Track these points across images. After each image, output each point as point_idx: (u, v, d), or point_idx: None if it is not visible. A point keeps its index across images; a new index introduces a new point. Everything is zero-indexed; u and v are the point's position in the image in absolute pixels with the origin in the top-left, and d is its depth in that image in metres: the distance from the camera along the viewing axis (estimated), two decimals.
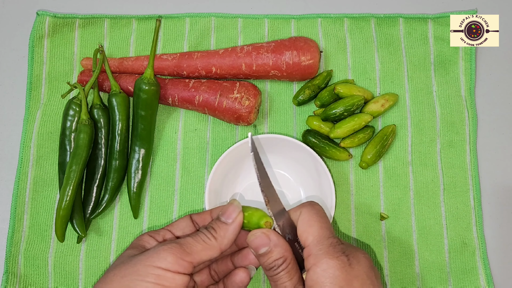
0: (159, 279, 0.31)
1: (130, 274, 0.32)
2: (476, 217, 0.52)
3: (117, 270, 0.33)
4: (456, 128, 0.54)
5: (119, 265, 0.33)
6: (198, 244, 0.34)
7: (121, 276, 0.32)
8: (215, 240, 0.35)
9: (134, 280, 0.31)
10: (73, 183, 0.47)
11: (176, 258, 0.32)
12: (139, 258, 0.33)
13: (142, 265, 0.32)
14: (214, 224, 0.37)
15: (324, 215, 0.38)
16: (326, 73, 0.54)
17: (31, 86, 0.55)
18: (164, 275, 0.31)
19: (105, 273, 0.34)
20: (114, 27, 0.58)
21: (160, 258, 0.32)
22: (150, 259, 0.32)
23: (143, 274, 0.31)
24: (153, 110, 0.52)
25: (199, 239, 0.35)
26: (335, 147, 0.51)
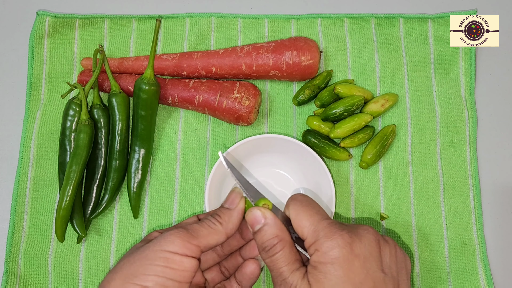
0: (168, 262, 0.32)
1: (139, 260, 0.32)
2: (476, 217, 0.52)
3: (126, 259, 0.34)
4: (456, 128, 0.54)
5: (129, 254, 0.34)
6: (204, 229, 0.35)
7: (131, 263, 0.32)
8: (220, 225, 0.36)
9: (143, 265, 0.32)
10: (73, 183, 0.47)
11: (183, 242, 0.33)
12: (147, 245, 0.33)
13: (150, 250, 0.32)
14: (218, 210, 0.38)
15: (309, 202, 0.38)
16: (326, 73, 0.54)
17: (31, 86, 0.55)
18: (173, 258, 0.32)
19: (116, 264, 0.35)
20: (114, 27, 0.58)
21: (167, 242, 0.33)
22: (158, 244, 0.33)
23: (152, 258, 0.32)
24: (153, 110, 0.52)
25: (205, 224, 0.36)
26: (335, 147, 0.51)
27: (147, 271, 0.32)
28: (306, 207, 0.37)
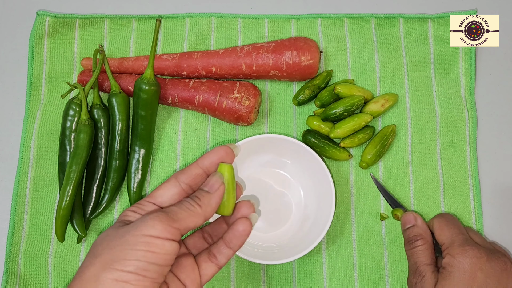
0: (149, 246, 0.31)
1: (119, 245, 0.32)
2: (476, 217, 0.52)
3: (105, 243, 0.33)
4: (456, 128, 0.54)
5: (106, 238, 0.33)
6: (183, 211, 0.35)
7: (110, 248, 0.32)
8: (200, 207, 0.36)
9: (123, 250, 0.31)
10: (73, 183, 0.47)
11: (164, 225, 0.32)
12: (126, 229, 0.33)
13: (130, 235, 0.32)
14: (197, 193, 0.37)
15: (453, 220, 0.47)
16: (326, 73, 0.54)
17: (31, 86, 0.55)
18: (154, 242, 0.32)
19: (91, 248, 0.34)
20: (114, 27, 0.58)
21: (147, 226, 0.32)
22: (138, 229, 0.32)
23: (133, 243, 0.31)
24: (153, 110, 0.52)
25: (184, 207, 0.35)
26: (335, 147, 0.51)
27: (127, 256, 0.31)
28: (449, 222, 0.46)
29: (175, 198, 0.37)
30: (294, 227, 0.51)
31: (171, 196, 0.37)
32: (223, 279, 0.51)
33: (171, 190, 0.37)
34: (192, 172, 0.38)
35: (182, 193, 0.37)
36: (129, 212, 0.36)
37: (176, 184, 0.37)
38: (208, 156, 0.39)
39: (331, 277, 0.51)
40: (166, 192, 0.37)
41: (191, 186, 0.38)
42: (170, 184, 0.38)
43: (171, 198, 0.37)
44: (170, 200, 0.37)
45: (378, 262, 0.51)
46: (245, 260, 0.51)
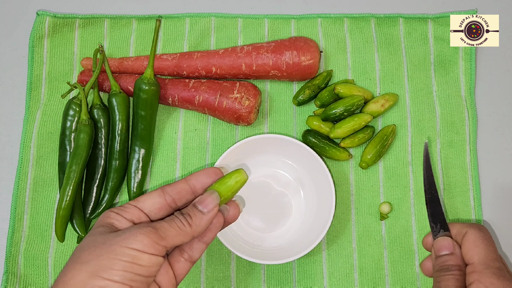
0: (136, 259, 0.33)
1: (106, 253, 0.33)
2: (476, 217, 0.52)
3: (91, 249, 0.33)
4: (456, 128, 0.54)
5: (93, 244, 0.34)
6: (172, 229, 0.35)
7: (97, 255, 0.33)
8: (190, 227, 0.36)
9: (111, 259, 0.32)
10: (73, 183, 0.47)
11: (152, 242, 0.33)
12: (115, 240, 0.33)
13: (118, 245, 0.33)
14: (190, 211, 0.37)
15: (491, 239, 0.41)
16: (326, 73, 0.54)
17: (31, 86, 0.55)
18: (141, 256, 0.33)
19: (76, 252, 0.34)
20: (114, 27, 0.58)
21: (136, 241, 0.33)
22: (126, 241, 0.33)
23: (120, 254, 0.32)
24: (153, 110, 0.52)
25: (174, 224, 0.36)
26: (335, 147, 0.51)
27: (115, 265, 0.32)
28: (487, 242, 0.40)
29: (156, 207, 0.38)
30: (294, 227, 0.51)
31: (152, 204, 0.38)
32: (223, 279, 0.51)
33: (155, 199, 0.38)
34: (178, 186, 0.39)
35: (165, 204, 0.38)
36: (112, 214, 0.37)
37: (161, 195, 0.38)
38: (197, 175, 0.40)
39: (331, 277, 0.51)
40: (150, 200, 0.38)
41: (175, 199, 0.39)
42: (155, 193, 0.39)
43: (153, 206, 0.38)
44: (151, 207, 0.38)
45: (378, 262, 0.51)
46: (245, 260, 0.51)
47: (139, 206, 0.37)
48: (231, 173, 0.40)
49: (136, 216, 0.37)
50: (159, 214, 0.38)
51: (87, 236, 0.36)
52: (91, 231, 0.36)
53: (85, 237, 0.36)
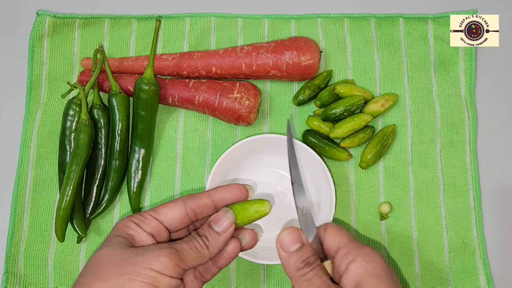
0: (156, 281, 0.33)
1: (128, 273, 0.33)
2: (476, 217, 0.52)
3: (112, 265, 0.33)
4: (456, 128, 0.54)
5: (113, 260, 0.34)
6: (192, 252, 0.36)
7: (118, 274, 0.33)
8: (207, 249, 0.36)
9: (132, 280, 0.32)
10: (73, 183, 0.47)
11: (173, 265, 0.34)
12: (137, 259, 0.33)
13: (140, 266, 0.33)
14: (207, 232, 0.37)
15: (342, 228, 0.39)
16: (326, 73, 0.54)
17: (31, 86, 0.55)
18: (161, 278, 0.33)
19: (95, 264, 0.34)
20: (114, 27, 0.58)
21: (159, 263, 0.33)
22: (149, 262, 0.33)
23: (142, 276, 0.32)
24: (153, 110, 0.52)
25: (193, 247, 0.36)
26: (335, 147, 0.51)
27: (135, 286, 0.32)
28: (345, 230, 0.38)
29: (177, 221, 0.38)
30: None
31: (174, 218, 0.38)
32: (223, 279, 0.51)
33: (176, 212, 0.38)
34: (202, 202, 0.39)
35: (185, 217, 0.38)
36: (133, 225, 0.37)
37: (182, 208, 0.38)
38: (221, 191, 0.39)
39: None
40: (171, 212, 0.38)
41: (196, 213, 0.39)
42: (176, 206, 0.38)
43: (174, 219, 0.38)
44: (172, 221, 0.38)
45: None
46: (245, 260, 0.51)
47: (160, 219, 0.37)
48: (255, 201, 0.39)
49: (156, 230, 0.37)
50: (179, 227, 0.38)
51: (106, 246, 0.35)
52: (109, 238, 0.36)
53: (104, 247, 0.35)
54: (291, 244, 0.37)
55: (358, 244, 0.36)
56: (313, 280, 0.35)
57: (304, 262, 0.36)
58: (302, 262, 0.36)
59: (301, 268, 0.36)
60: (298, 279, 0.36)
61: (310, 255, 0.36)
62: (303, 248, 0.37)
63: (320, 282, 0.35)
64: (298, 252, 0.36)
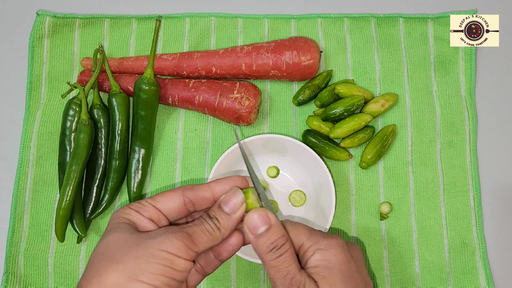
0: (172, 264, 0.33)
1: (144, 256, 0.32)
2: (476, 217, 0.52)
3: (126, 249, 0.33)
4: (456, 128, 0.54)
5: (126, 244, 0.33)
6: (204, 236, 0.35)
7: (135, 257, 0.32)
8: (219, 231, 0.36)
9: (150, 262, 0.32)
10: (73, 183, 0.47)
11: (186, 248, 0.33)
12: (151, 242, 0.33)
13: (156, 249, 0.33)
14: (217, 214, 0.37)
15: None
16: (326, 73, 0.54)
17: (31, 86, 0.55)
18: (177, 261, 0.33)
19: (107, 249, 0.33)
20: (114, 27, 0.58)
21: (173, 246, 0.33)
22: (163, 245, 0.33)
23: (159, 258, 0.32)
24: (153, 110, 0.52)
25: (205, 230, 0.35)
26: (335, 147, 0.51)
27: (154, 269, 0.32)
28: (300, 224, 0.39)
29: (175, 211, 0.37)
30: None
31: (172, 207, 0.37)
32: (223, 279, 0.51)
33: (174, 201, 0.37)
34: (200, 193, 0.38)
35: (183, 207, 0.38)
36: (132, 211, 0.36)
37: (181, 198, 0.38)
38: (220, 182, 0.39)
39: None
40: (169, 201, 0.37)
41: (194, 204, 0.38)
42: (175, 195, 0.38)
43: (172, 209, 0.37)
44: (170, 210, 0.37)
45: (378, 262, 0.51)
46: (245, 260, 0.51)
47: (158, 207, 0.37)
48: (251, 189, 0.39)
49: (155, 217, 0.37)
50: (176, 217, 0.38)
51: (113, 232, 0.34)
52: (112, 226, 0.35)
53: (111, 233, 0.34)
54: (258, 226, 0.36)
55: (316, 238, 0.37)
56: (280, 267, 0.35)
57: (272, 245, 0.36)
58: (270, 245, 0.36)
59: (269, 251, 0.36)
60: (267, 263, 0.36)
61: (278, 237, 0.36)
62: (271, 230, 0.36)
63: (287, 270, 0.35)
64: (265, 234, 0.36)
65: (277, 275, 0.35)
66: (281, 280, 0.35)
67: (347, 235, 0.51)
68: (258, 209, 0.37)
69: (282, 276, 0.35)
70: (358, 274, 0.37)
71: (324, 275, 0.35)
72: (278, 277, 0.35)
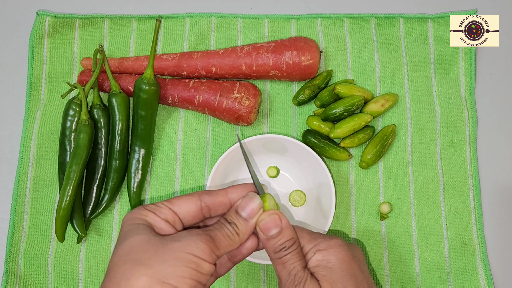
0: (198, 267, 0.33)
1: (171, 260, 0.33)
2: (476, 217, 0.52)
3: (151, 252, 0.33)
4: (456, 128, 0.54)
5: (151, 247, 0.33)
6: (225, 240, 0.36)
7: (162, 261, 0.32)
8: (238, 236, 0.37)
9: (178, 266, 0.32)
10: (73, 183, 0.47)
11: (210, 251, 0.34)
12: (176, 245, 0.33)
13: (182, 252, 0.33)
14: (235, 219, 0.37)
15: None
16: (326, 73, 0.54)
17: (31, 86, 0.55)
18: (202, 264, 0.33)
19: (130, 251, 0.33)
20: (114, 27, 0.58)
21: (199, 249, 0.33)
22: (189, 248, 0.33)
23: (186, 261, 0.33)
24: (153, 110, 0.52)
25: (226, 235, 0.36)
26: (335, 147, 0.51)
27: (183, 273, 0.32)
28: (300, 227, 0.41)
29: (191, 215, 0.38)
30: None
31: (188, 211, 0.38)
32: (223, 279, 0.51)
33: (191, 206, 0.38)
34: (218, 199, 0.39)
35: (199, 212, 0.38)
36: (149, 213, 0.36)
37: (198, 203, 0.38)
38: (238, 189, 0.40)
39: None
40: (186, 205, 0.38)
41: (211, 209, 0.39)
42: (192, 199, 0.38)
43: (188, 213, 0.38)
44: (186, 214, 0.38)
45: (378, 262, 0.51)
46: (245, 260, 0.50)
47: (175, 210, 0.37)
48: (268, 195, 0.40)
49: (171, 219, 0.37)
50: (191, 222, 0.38)
51: (134, 234, 0.34)
52: (130, 228, 0.35)
53: (132, 235, 0.34)
54: (271, 228, 0.38)
55: (316, 240, 0.39)
56: (286, 264, 0.38)
57: (281, 246, 0.38)
58: (279, 246, 0.38)
59: (277, 251, 0.38)
60: (274, 261, 0.38)
61: (287, 239, 0.38)
62: (282, 233, 0.38)
63: (292, 267, 0.37)
64: (276, 236, 0.38)
65: (283, 271, 0.38)
66: (286, 276, 0.37)
67: (347, 235, 0.51)
68: (272, 211, 0.38)
69: (287, 273, 0.37)
70: (360, 272, 0.37)
71: (324, 274, 0.37)
72: (284, 273, 0.38)
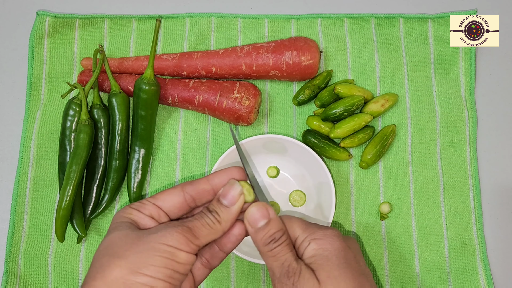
0: (174, 256, 0.33)
1: (146, 250, 0.33)
2: (476, 217, 0.52)
3: (128, 245, 0.34)
4: (456, 128, 0.54)
5: (128, 240, 0.34)
6: (205, 229, 0.36)
7: (136, 252, 0.33)
8: (219, 224, 0.37)
9: (151, 256, 0.33)
10: (73, 183, 0.47)
11: (187, 241, 0.34)
12: (151, 237, 0.34)
13: (156, 243, 0.33)
14: (217, 207, 0.37)
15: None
16: (326, 73, 0.54)
17: (31, 86, 0.55)
18: (178, 253, 0.33)
19: (109, 246, 0.34)
20: (114, 27, 0.58)
21: (173, 239, 0.34)
22: (164, 238, 0.33)
23: (160, 251, 0.33)
24: (153, 110, 0.52)
25: (205, 223, 0.36)
26: (335, 147, 0.51)
27: (156, 262, 0.32)
28: (294, 217, 0.40)
29: (176, 207, 0.38)
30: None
31: (173, 204, 0.38)
32: (223, 279, 0.51)
33: (174, 198, 0.38)
34: (200, 187, 0.39)
35: (184, 204, 0.38)
36: (133, 210, 0.37)
37: (181, 194, 0.38)
38: (219, 174, 0.39)
39: None
40: (169, 199, 0.38)
41: (195, 199, 0.39)
42: (175, 192, 0.38)
43: (173, 205, 0.38)
44: (171, 207, 0.38)
45: (378, 262, 0.51)
46: (245, 260, 0.51)
47: (159, 205, 0.37)
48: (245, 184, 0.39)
49: (155, 214, 0.37)
50: (178, 214, 0.38)
51: (115, 231, 0.35)
52: (114, 225, 0.36)
53: (113, 231, 0.35)
54: (258, 220, 0.37)
55: (311, 230, 0.38)
56: (278, 256, 0.37)
57: (271, 238, 0.37)
58: (269, 237, 0.37)
59: (267, 243, 0.37)
60: (265, 254, 0.37)
61: (276, 230, 0.37)
62: (270, 224, 0.37)
63: (284, 259, 0.37)
64: (264, 228, 0.37)
65: (275, 264, 0.37)
66: (279, 269, 0.37)
67: (348, 235, 0.51)
68: (258, 203, 0.38)
69: (279, 265, 0.37)
70: (356, 263, 0.37)
71: (321, 263, 0.36)
72: (276, 265, 0.37)
